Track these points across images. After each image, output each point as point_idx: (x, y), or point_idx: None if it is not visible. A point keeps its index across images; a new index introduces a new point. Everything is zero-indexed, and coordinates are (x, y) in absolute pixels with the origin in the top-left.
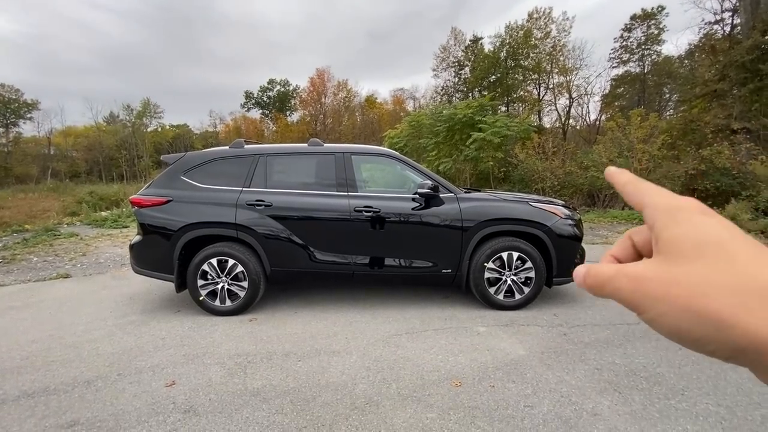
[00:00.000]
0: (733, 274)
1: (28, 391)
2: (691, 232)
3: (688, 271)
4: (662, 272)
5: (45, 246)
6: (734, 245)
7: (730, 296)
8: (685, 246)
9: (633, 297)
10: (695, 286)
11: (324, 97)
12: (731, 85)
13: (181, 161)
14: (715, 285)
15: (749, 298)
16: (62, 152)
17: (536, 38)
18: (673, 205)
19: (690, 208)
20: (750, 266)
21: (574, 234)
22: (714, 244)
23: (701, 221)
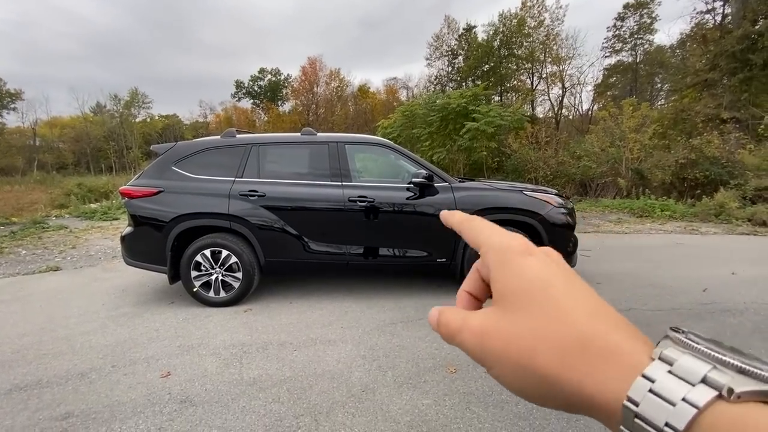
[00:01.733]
0: (556, 325)
1: (21, 384)
2: (516, 279)
3: (517, 321)
4: (499, 325)
5: (33, 239)
6: (557, 292)
7: (553, 350)
8: (512, 294)
9: (478, 354)
10: (523, 340)
11: (316, 87)
12: (722, 74)
13: (172, 151)
14: (541, 338)
15: (570, 352)
16: (48, 143)
17: (530, 27)
18: (502, 246)
19: (513, 249)
20: (571, 315)
21: (567, 222)
22: (538, 291)
23: (525, 265)
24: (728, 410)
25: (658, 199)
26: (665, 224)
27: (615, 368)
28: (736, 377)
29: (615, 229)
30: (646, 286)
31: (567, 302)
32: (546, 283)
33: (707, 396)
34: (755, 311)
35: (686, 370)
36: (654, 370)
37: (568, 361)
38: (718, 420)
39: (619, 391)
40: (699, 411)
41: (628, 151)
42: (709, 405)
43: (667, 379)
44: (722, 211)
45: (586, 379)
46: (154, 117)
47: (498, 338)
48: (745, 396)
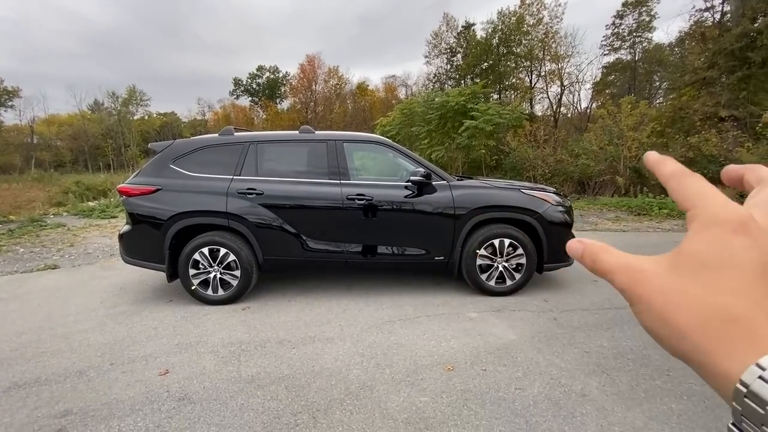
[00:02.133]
0: (713, 295)
1: (19, 382)
2: (710, 252)
3: (682, 281)
4: (662, 281)
5: (31, 237)
6: (738, 273)
7: (698, 315)
8: (695, 261)
9: (627, 290)
10: (674, 295)
11: (315, 84)
12: (720, 72)
13: (170, 149)
14: (692, 300)
15: (713, 323)
16: (46, 141)
17: (528, 24)
18: (711, 219)
19: (725, 226)
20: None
21: (565, 221)
22: (723, 268)
23: (729, 244)
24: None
25: (656, 198)
26: (663, 222)
27: (751, 344)
28: None
29: (613, 227)
30: None
31: (733, 281)
32: (729, 259)
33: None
34: None
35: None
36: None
37: (709, 330)
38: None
39: (747, 362)
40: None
41: (627, 149)
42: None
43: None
44: None
45: (718, 349)
46: (152, 115)
47: (653, 292)
48: None
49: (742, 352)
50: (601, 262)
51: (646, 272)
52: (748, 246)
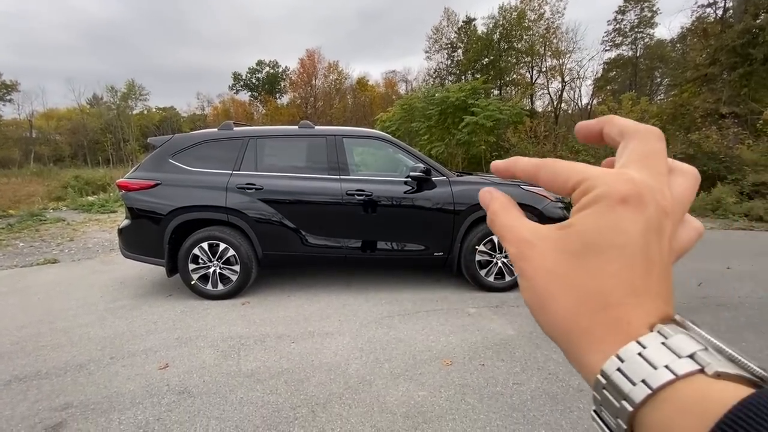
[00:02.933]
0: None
1: (20, 375)
2: (596, 228)
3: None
4: (548, 262)
5: (31, 231)
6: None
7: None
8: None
9: (515, 263)
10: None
11: (314, 79)
12: (721, 69)
13: (169, 144)
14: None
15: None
16: (45, 135)
17: (530, 20)
18: (600, 191)
19: (612, 196)
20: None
21: (564, 217)
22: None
23: (615, 217)
24: (703, 382)
25: None
26: None
27: (617, 333)
28: (721, 360)
29: None
30: None
31: (614, 264)
32: (614, 239)
33: (689, 368)
34: (750, 306)
35: (678, 346)
36: (649, 339)
37: (579, 320)
38: (690, 388)
39: (610, 352)
40: (676, 378)
41: None
42: (688, 375)
43: (657, 348)
44: (719, 206)
45: (587, 336)
46: (151, 109)
47: (534, 256)
48: (724, 376)
49: (607, 342)
50: (499, 223)
51: (535, 248)
52: (635, 219)
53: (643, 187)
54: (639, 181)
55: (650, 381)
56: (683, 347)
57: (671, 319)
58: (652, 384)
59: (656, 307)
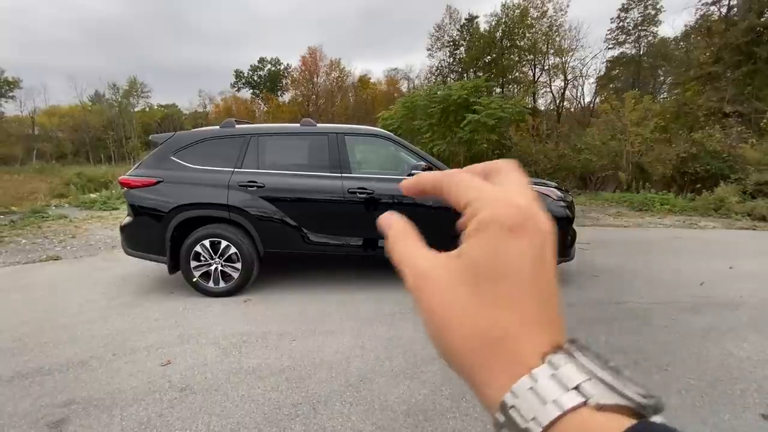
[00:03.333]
0: (482, 315)
1: (22, 371)
2: (485, 256)
3: (457, 289)
4: (443, 294)
5: (33, 228)
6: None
7: (467, 335)
8: (473, 265)
9: (412, 294)
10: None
11: (316, 77)
12: (725, 67)
13: (171, 141)
14: (464, 319)
15: (479, 344)
16: (47, 132)
17: (532, 17)
18: (488, 216)
19: (501, 223)
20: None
21: (566, 216)
22: (496, 277)
23: (503, 245)
24: (587, 415)
25: (658, 193)
26: (664, 218)
27: (511, 366)
28: (604, 391)
29: (614, 223)
30: (643, 279)
31: (507, 297)
32: (504, 271)
33: (575, 401)
34: (752, 305)
35: (566, 377)
36: (540, 371)
37: (476, 353)
38: (576, 421)
39: (506, 386)
40: (563, 413)
41: (629, 144)
42: (574, 409)
43: (547, 380)
44: (722, 206)
45: (482, 369)
46: (153, 107)
47: (431, 291)
48: (606, 407)
49: (502, 376)
50: (397, 252)
51: (429, 279)
52: (523, 249)
53: (528, 214)
54: (524, 207)
55: (540, 418)
56: (570, 378)
57: (561, 346)
58: (542, 421)
59: (548, 336)
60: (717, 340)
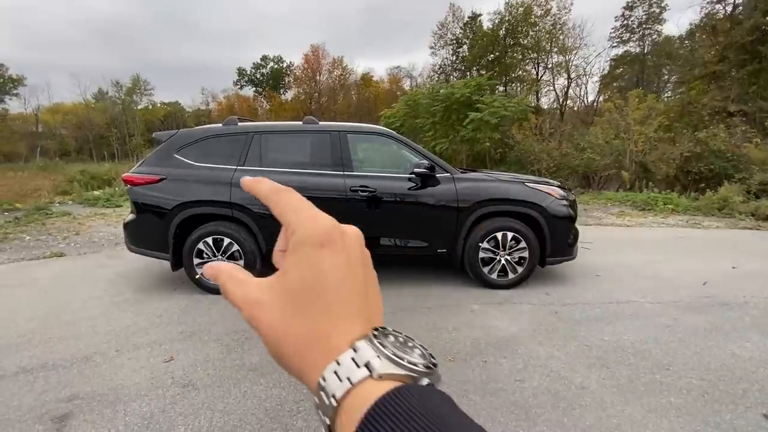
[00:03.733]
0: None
1: (27, 367)
2: (299, 270)
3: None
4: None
5: (37, 225)
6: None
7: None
8: (291, 282)
9: (250, 323)
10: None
11: (319, 75)
12: (730, 66)
13: (174, 138)
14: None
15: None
16: (51, 130)
17: (536, 16)
18: (304, 234)
19: (311, 239)
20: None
21: (569, 215)
22: (309, 288)
23: (314, 258)
24: (370, 385)
25: (662, 193)
26: (668, 218)
27: (325, 356)
28: (388, 364)
29: (617, 222)
30: (646, 279)
31: (323, 303)
32: (318, 281)
33: (361, 375)
34: (754, 305)
35: (361, 357)
36: (344, 356)
37: (300, 353)
38: (361, 392)
39: (320, 372)
40: (352, 386)
41: (633, 143)
42: (361, 382)
43: (348, 363)
44: (725, 205)
45: (306, 366)
46: (156, 104)
47: (263, 316)
48: (385, 376)
49: (319, 367)
50: (230, 294)
51: (262, 305)
52: (333, 259)
53: (333, 229)
54: (330, 224)
55: (337, 394)
56: (364, 358)
57: (367, 334)
58: (337, 396)
59: (359, 327)
60: (719, 340)
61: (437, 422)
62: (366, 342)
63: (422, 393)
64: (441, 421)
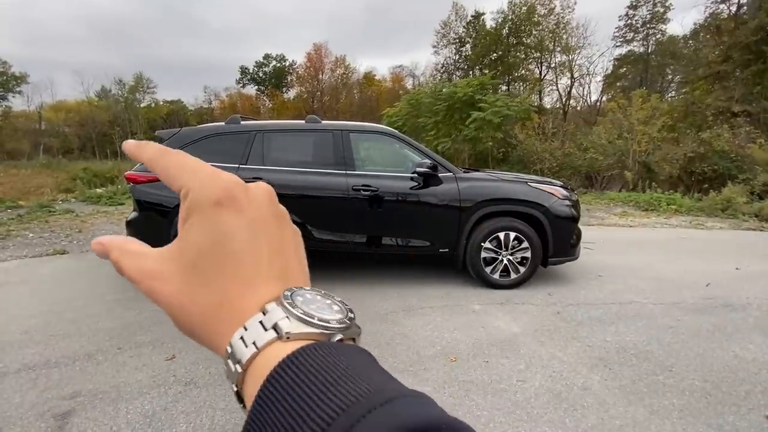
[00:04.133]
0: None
1: (29, 364)
2: (196, 234)
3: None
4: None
5: (40, 222)
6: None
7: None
8: (190, 247)
9: (150, 297)
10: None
11: (321, 74)
12: (734, 66)
13: (177, 137)
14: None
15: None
16: (54, 128)
17: (539, 15)
18: (198, 196)
19: (208, 199)
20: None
21: (571, 215)
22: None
23: (212, 220)
24: (277, 347)
25: (665, 193)
26: (671, 218)
27: (233, 323)
28: (297, 324)
29: (620, 222)
30: (648, 279)
31: (227, 268)
32: (220, 243)
33: (268, 338)
34: (757, 307)
35: (269, 320)
36: (251, 321)
37: (209, 322)
38: (265, 356)
39: (228, 340)
40: (258, 350)
41: (636, 143)
42: (268, 344)
43: (255, 327)
44: (729, 206)
45: (215, 335)
46: (158, 102)
47: (163, 289)
48: (293, 336)
49: (228, 334)
50: (125, 270)
51: (156, 278)
52: (235, 218)
53: (234, 185)
54: (229, 181)
55: (242, 359)
56: (272, 319)
57: (278, 296)
58: (243, 361)
59: (272, 289)
60: (722, 342)
61: (344, 376)
62: (276, 304)
63: (330, 349)
64: (351, 374)
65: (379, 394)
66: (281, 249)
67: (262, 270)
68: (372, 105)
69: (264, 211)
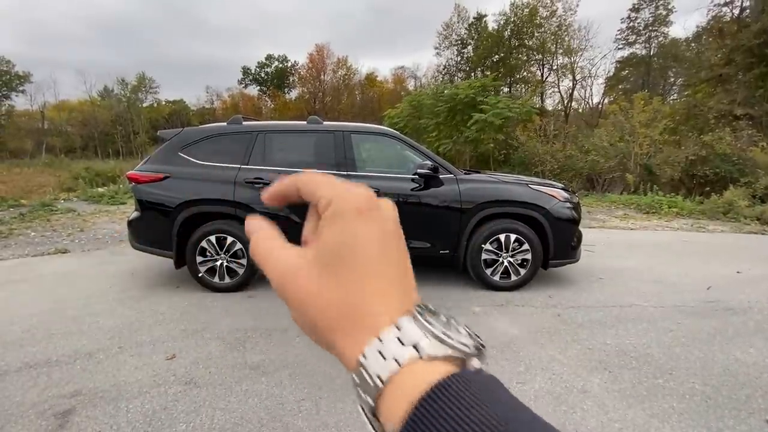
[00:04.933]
0: (340, 292)
1: (30, 362)
2: (336, 238)
3: (316, 277)
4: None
5: (42, 221)
6: (361, 260)
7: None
8: (327, 251)
9: (277, 291)
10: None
11: (323, 74)
12: (737, 69)
13: (179, 137)
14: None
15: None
16: (56, 127)
17: (541, 17)
18: (339, 206)
19: (349, 207)
20: (357, 285)
21: (572, 217)
22: (347, 256)
23: (351, 226)
24: (420, 367)
25: (666, 196)
26: (672, 221)
27: (364, 332)
28: (437, 345)
29: (621, 225)
30: (649, 283)
31: (360, 272)
32: (355, 247)
33: (408, 355)
34: (759, 310)
35: (407, 336)
36: (386, 333)
37: (336, 325)
38: (410, 373)
39: (361, 350)
40: (400, 366)
41: (638, 146)
42: (410, 363)
43: (391, 341)
44: (731, 209)
45: (341, 338)
46: (161, 102)
47: (295, 285)
48: (436, 358)
49: (358, 342)
50: (258, 254)
51: (289, 274)
52: (371, 228)
53: (373, 201)
54: (369, 196)
55: (382, 374)
56: (411, 337)
57: (410, 311)
58: (383, 377)
59: (399, 303)
60: (723, 345)
61: (500, 411)
62: (410, 319)
63: (481, 379)
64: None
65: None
66: (406, 265)
67: (389, 282)
68: (373, 106)
69: (394, 226)
